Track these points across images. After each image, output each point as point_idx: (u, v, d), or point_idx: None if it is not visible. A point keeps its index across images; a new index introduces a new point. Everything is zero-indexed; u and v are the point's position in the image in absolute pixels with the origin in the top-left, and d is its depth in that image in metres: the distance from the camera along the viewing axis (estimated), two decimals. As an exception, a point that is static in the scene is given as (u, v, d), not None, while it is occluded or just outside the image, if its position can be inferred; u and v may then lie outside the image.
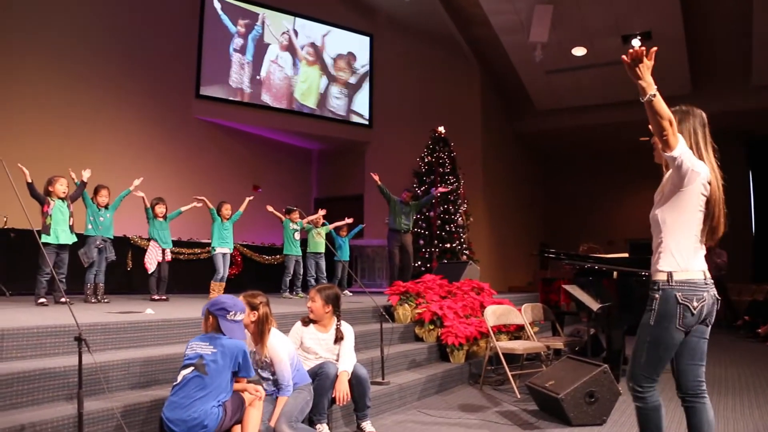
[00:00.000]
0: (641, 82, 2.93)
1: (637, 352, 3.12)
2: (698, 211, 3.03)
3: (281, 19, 15.22)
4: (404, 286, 7.54)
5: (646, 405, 3.12)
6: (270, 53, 15.12)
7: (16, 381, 3.40)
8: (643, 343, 3.09)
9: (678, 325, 2.99)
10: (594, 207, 19.49)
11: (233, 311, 3.72)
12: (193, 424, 3.40)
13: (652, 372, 3.09)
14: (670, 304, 2.99)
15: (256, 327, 4.01)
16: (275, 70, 15.17)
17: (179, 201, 8.60)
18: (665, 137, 2.89)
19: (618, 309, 6.54)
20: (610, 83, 14.84)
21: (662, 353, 3.05)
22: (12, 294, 8.18)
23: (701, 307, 2.99)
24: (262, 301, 4.03)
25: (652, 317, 3.05)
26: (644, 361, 3.08)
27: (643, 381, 3.10)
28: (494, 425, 4.89)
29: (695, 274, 3.01)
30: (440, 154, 13.29)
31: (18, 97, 10.66)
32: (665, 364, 3.09)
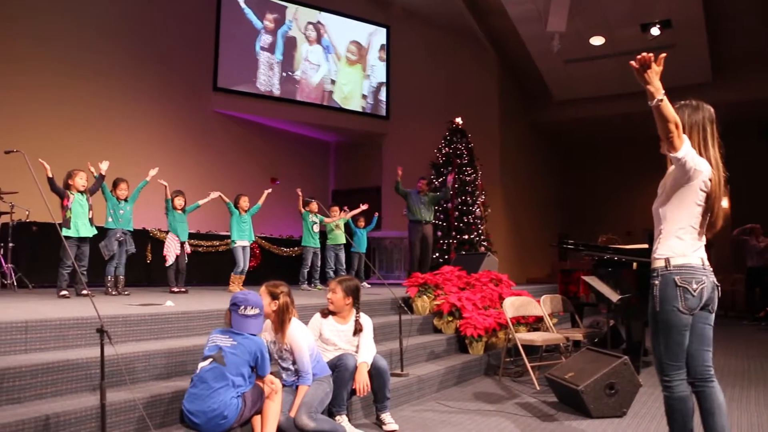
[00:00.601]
0: (649, 87, 3.11)
1: (654, 343, 3.20)
2: (697, 206, 3.14)
3: (302, 11, 15.24)
4: (423, 277, 7.54)
5: (672, 394, 3.18)
6: (302, 51, 15.19)
7: (40, 372, 3.44)
8: (656, 332, 3.17)
9: (681, 308, 3.08)
10: (613, 197, 19.35)
11: (243, 305, 3.76)
12: (213, 415, 3.43)
13: (675, 358, 3.14)
14: (669, 287, 3.10)
15: (277, 316, 4.03)
16: (308, 69, 15.23)
17: (197, 194, 8.64)
18: (671, 139, 3.01)
19: (638, 300, 6.49)
20: (629, 72, 14.36)
21: (677, 336, 3.12)
22: (34, 286, 8.29)
23: (701, 289, 3.08)
24: (283, 291, 4.05)
25: (656, 304, 3.14)
26: (664, 349, 3.15)
27: (669, 369, 3.16)
28: (513, 417, 4.88)
29: (693, 260, 3.13)
30: (458, 145, 13.23)
31: (37, 90, 10.75)
32: (684, 346, 3.14)
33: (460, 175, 12.95)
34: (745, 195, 15.79)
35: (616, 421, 4.76)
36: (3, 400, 3.27)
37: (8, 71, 10.42)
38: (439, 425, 4.61)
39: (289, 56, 15.01)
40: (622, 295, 6.41)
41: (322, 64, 15.51)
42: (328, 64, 15.62)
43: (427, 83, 15.84)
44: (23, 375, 3.37)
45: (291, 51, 15.03)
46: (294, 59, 15.08)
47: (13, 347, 3.73)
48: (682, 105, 3.26)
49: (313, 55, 15.40)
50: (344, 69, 15.90)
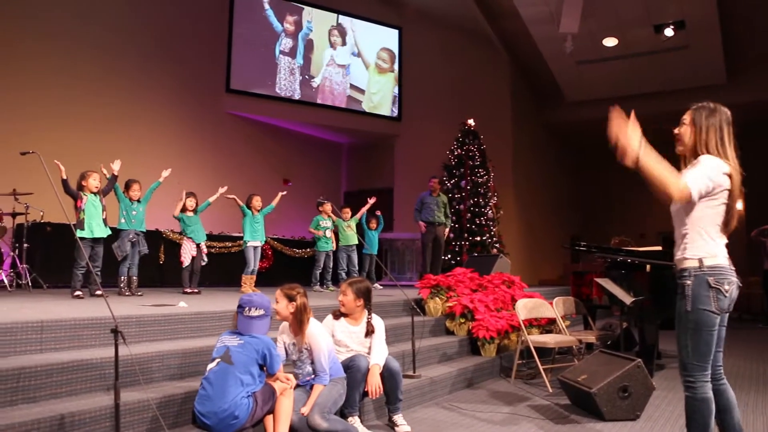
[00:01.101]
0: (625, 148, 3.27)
1: (681, 343, 3.19)
2: (722, 204, 3.15)
3: (316, 14, 15.29)
4: (435, 279, 7.53)
5: (695, 395, 3.16)
6: (325, 56, 15.27)
7: (55, 372, 3.47)
8: (685, 332, 3.16)
9: (714, 308, 3.09)
10: (626, 199, 19.23)
11: (247, 307, 3.80)
12: (224, 415, 3.45)
13: (702, 359, 3.13)
14: (702, 287, 3.09)
15: (295, 317, 4.06)
16: (332, 75, 15.30)
17: (210, 195, 8.65)
18: (669, 192, 3.05)
19: (651, 303, 6.47)
20: (642, 73, 14.65)
21: (706, 337, 3.12)
22: (48, 286, 8.34)
23: (732, 290, 3.11)
24: (299, 292, 4.07)
25: (687, 303, 3.13)
26: (692, 350, 3.14)
27: (695, 370, 3.15)
28: (526, 419, 4.87)
29: (723, 260, 3.14)
30: (470, 146, 13.21)
31: (50, 91, 10.81)
32: (712, 348, 3.14)
33: (472, 177, 12.93)
34: (759, 196, 15.67)
35: (629, 424, 4.73)
36: (19, 399, 3.29)
37: (24, 73, 10.49)
38: (452, 427, 4.60)
39: (310, 60, 15.07)
40: (635, 298, 6.38)
41: (348, 70, 15.57)
42: (355, 70, 15.68)
43: (440, 85, 15.83)
44: (39, 374, 3.39)
45: (311, 55, 15.08)
46: (315, 63, 15.13)
47: (28, 347, 3.76)
48: (699, 107, 3.25)
49: (339, 60, 15.47)
50: (375, 77, 15.98)
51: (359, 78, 15.76)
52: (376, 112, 15.88)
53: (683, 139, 3.29)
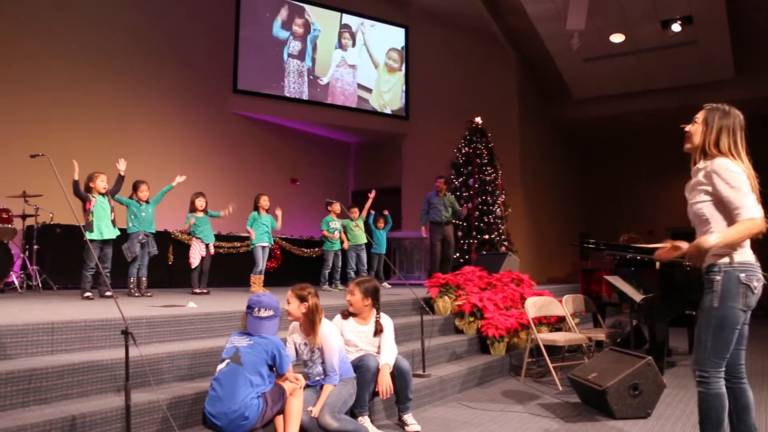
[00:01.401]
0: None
1: (701, 337, 3.16)
2: None
3: (323, 14, 15.30)
4: (444, 278, 7.53)
5: (708, 390, 3.13)
6: (334, 57, 15.28)
7: (66, 373, 3.48)
8: (707, 327, 3.14)
9: (741, 305, 3.07)
10: (634, 196, 19.20)
11: (256, 308, 3.80)
12: (234, 416, 3.45)
13: (719, 356, 3.11)
14: (732, 283, 3.07)
15: (307, 318, 4.06)
16: (343, 75, 15.33)
17: (218, 195, 8.70)
18: (754, 233, 3.02)
19: (662, 300, 6.44)
20: (650, 70, 14.59)
21: (728, 335, 3.10)
22: (58, 287, 8.39)
23: (760, 287, 3.09)
24: (310, 293, 4.08)
25: (714, 299, 3.11)
26: (711, 346, 3.11)
27: (710, 366, 3.12)
28: (536, 418, 4.86)
29: (751, 257, 3.13)
30: (477, 144, 13.19)
31: (59, 93, 10.85)
32: (732, 346, 3.12)
33: (480, 175, 12.92)
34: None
35: (640, 422, 4.72)
36: (31, 400, 3.31)
37: (31, 75, 10.53)
38: (462, 426, 4.60)
39: (318, 60, 15.11)
40: (645, 295, 6.36)
41: (357, 70, 15.59)
42: (364, 69, 15.70)
43: (446, 83, 15.81)
44: (50, 376, 3.41)
45: (317, 55, 15.10)
46: (323, 64, 15.16)
47: (39, 348, 3.77)
48: (713, 107, 3.23)
49: (349, 60, 15.50)
50: (384, 76, 16.00)
51: (368, 77, 15.75)
52: (384, 111, 15.87)
53: (693, 137, 3.26)
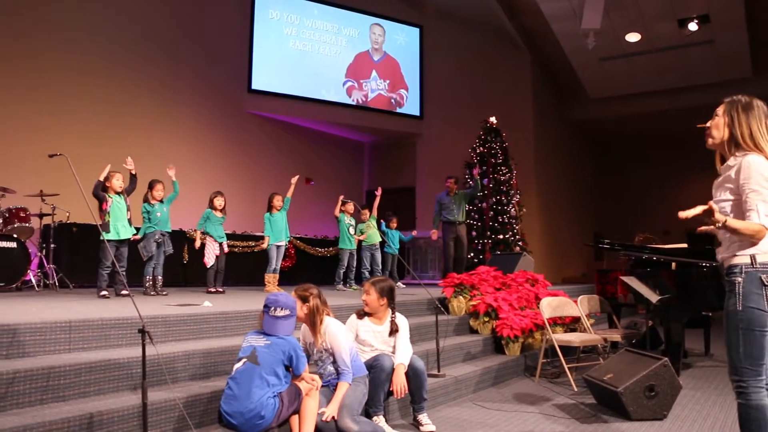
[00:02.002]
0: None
1: (732, 344, 2.98)
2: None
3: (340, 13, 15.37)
4: (458, 278, 7.51)
5: (749, 402, 2.93)
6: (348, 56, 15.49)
7: (83, 371, 3.50)
8: (735, 333, 2.96)
9: (765, 308, 2.90)
10: (650, 196, 19.08)
11: (273, 307, 3.81)
12: (251, 415, 3.47)
13: (755, 362, 2.92)
14: (754, 285, 2.92)
15: (308, 318, 4.09)
16: (359, 75, 15.48)
17: (233, 194, 8.72)
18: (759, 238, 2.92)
19: (678, 301, 6.40)
20: (666, 69, 14.51)
21: (759, 338, 2.91)
22: (75, 286, 8.45)
23: None
24: (312, 293, 4.09)
25: (738, 302, 2.95)
26: (743, 352, 2.92)
27: (747, 374, 2.92)
28: (551, 418, 4.84)
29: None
30: (492, 144, 13.17)
31: (77, 93, 10.94)
32: (765, 350, 2.92)
33: (494, 175, 12.89)
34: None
35: (656, 424, 4.69)
36: (49, 398, 3.34)
37: (48, 74, 10.62)
38: (477, 426, 4.59)
39: (333, 59, 15.16)
40: (661, 296, 6.32)
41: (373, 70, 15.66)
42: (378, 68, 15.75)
43: (461, 83, 15.78)
44: (68, 374, 3.43)
45: (334, 54, 15.14)
46: (338, 63, 15.22)
47: (57, 347, 3.80)
48: (733, 99, 3.09)
49: (365, 59, 15.56)
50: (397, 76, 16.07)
51: (383, 76, 15.76)
52: (398, 111, 15.88)
53: (715, 132, 3.13)
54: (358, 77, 15.42)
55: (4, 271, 7.70)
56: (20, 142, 9.93)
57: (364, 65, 15.57)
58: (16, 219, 8.25)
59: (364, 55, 15.62)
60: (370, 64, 15.63)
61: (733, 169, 3.03)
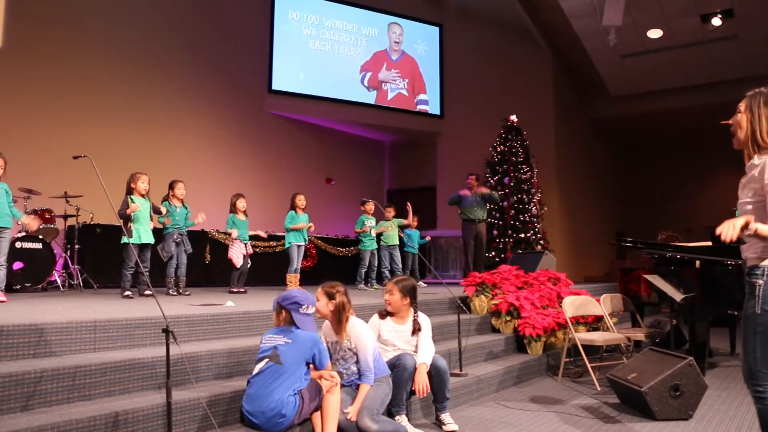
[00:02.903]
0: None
1: (749, 347, 2.88)
2: None
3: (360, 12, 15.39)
4: (480, 276, 7.49)
5: (767, 406, 2.86)
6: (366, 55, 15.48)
7: (109, 370, 3.54)
8: (753, 336, 2.86)
9: None
10: (672, 194, 18.91)
11: (305, 305, 3.82)
12: (272, 414, 3.49)
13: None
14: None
15: (334, 316, 4.08)
16: (395, 79, 15.49)
17: (255, 195, 8.75)
18: None
19: (702, 299, 6.33)
20: (689, 65, 14.35)
21: None
22: (99, 286, 8.54)
23: None
24: (339, 291, 4.10)
25: (757, 305, 2.83)
26: (761, 355, 2.83)
27: (763, 379, 2.83)
28: (575, 418, 4.81)
29: None
30: (513, 143, 13.11)
31: (101, 95, 11.05)
32: None
33: (515, 173, 12.83)
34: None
35: (681, 424, 4.64)
36: (75, 396, 3.37)
37: (72, 78, 10.73)
38: (500, 426, 4.57)
39: (354, 59, 15.21)
40: (685, 294, 6.26)
41: (393, 69, 15.67)
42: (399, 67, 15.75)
43: (481, 81, 15.73)
44: (93, 373, 3.47)
45: (354, 54, 15.18)
46: (358, 63, 15.26)
47: (83, 346, 3.85)
48: (755, 92, 2.94)
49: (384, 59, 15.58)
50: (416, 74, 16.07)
51: (402, 74, 15.75)
52: (419, 110, 15.87)
53: (739, 129, 2.97)
54: (377, 74, 15.43)
55: (31, 271, 7.81)
56: (45, 144, 10.05)
57: (383, 65, 15.55)
58: (42, 220, 8.35)
59: (382, 54, 15.61)
60: (389, 63, 15.62)
61: (757, 168, 2.88)
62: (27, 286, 7.76)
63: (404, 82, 15.76)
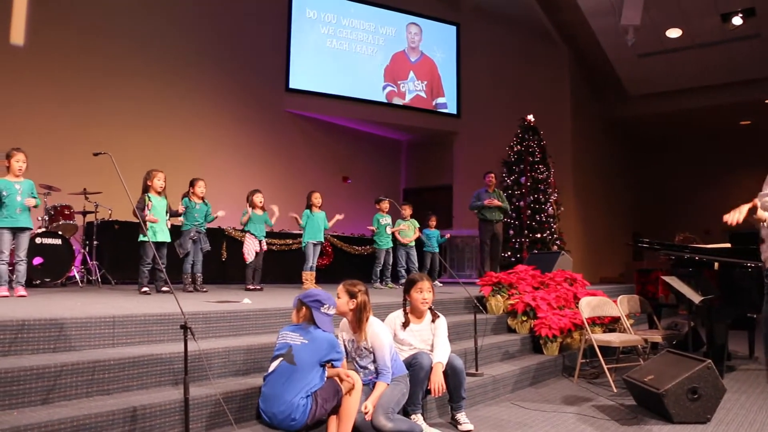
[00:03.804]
0: None
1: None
2: None
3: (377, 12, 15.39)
4: (497, 276, 7.47)
5: None
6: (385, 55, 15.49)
7: (127, 366, 3.57)
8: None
9: None
10: (689, 195, 18.76)
11: (327, 304, 3.83)
12: (282, 417, 3.51)
13: None
14: None
15: (355, 314, 4.08)
16: (397, 74, 15.51)
17: (272, 192, 8.77)
18: None
19: (721, 301, 6.27)
20: (708, 65, 14.22)
21: None
22: (117, 282, 8.60)
23: None
24: (360, 290, 4.10)
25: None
26: None
27: None
28: (591, 419, 4.79)
29: None
30: (530, 142, 13.06)
31: (120, 93, 11.14)
32: None
33: (532, 173, 12.79)
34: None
35: (699, 427, 4.59)
36: (94, 390, 3.40)
37: (93, 77, 10.83)
38: (515, 426, 4.56)
39: (370, 58, 15.20)
40: (704, 296, 6.20)
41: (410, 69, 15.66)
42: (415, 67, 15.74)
43: (498, 80, 15.69)
44: (112, 368, 3.50)
45: (372, 53, 15.17)
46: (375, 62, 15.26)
47: (102, 341, 3.88)
48: None
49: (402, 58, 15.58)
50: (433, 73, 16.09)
51: (420, 75, 15.73)
52: (435, 109, 15.85)
53: None
54: (396, 79, 15.40)
55: (50, 267, 7.87)
56: (65, 141, 10.16)
57: (402, 66, 15.55)
58: (61, 216, 8.42)
59: (400, 55, 15.60)
60: (407, 65, 15.62)
61: None
62: (46, 281, 7.82)
63: (422, 84, 15.73)
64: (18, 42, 10.17)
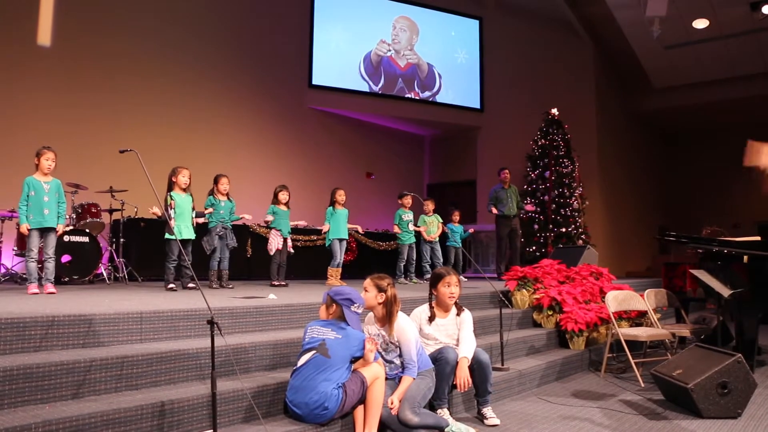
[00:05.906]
0: None
1: None
2: None
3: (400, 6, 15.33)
4: (522, 271, 7.44)
5: None
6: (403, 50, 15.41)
7: (155, 361, 3.60)
8: None
9: None
10: (717, 188, 18.48)
11: (357, 303, 3.89)
12: (315, 406, 3.52)
13: None
14: None
15: (384, 308, 4.09)
16: (417, 68, 15.51)
17: (294, 189, 8.77)
18: None
19: (751, 295, 6.18)
20: (735, 56, 13.99)
21: None
22: (143, 279, 8.69)
23: None
24: (389, 283, 4.11)
25: None
26: None
27: None
28: (618, 414, 4.74)
29: None
30: (554, 136, 12.97)
31: (146, 91, 11.24)
32: None
33: (556, 167, 12.71)
34: None
35: (730, 422, 4.53)
36: (123, 386, 3.44)
37: (118, 73, 10.93)
38: (542, 421, 4.53)
39: (392, 53, 15.17)
40: (733, 290, 6.11)
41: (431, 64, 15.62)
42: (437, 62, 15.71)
43: (521, 74, 15.59)
44: (140, 363, 3.54)
45: (394, 48, 15.14)
46: (397, 56, 15.20)
47: (130, 336, 3.93)
48: None
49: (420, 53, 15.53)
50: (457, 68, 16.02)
51: (442, 70, 15.69)
52: (458, 104, 15.78)
53: None
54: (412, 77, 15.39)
55: (78, 264, 7.98)
56: (92, 140, 10.28)
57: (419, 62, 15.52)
58: (88, 214, 8.53)
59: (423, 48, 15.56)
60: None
61: None
62: (75, 278, 7.93)
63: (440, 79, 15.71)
64: (45, 43, 10.30)
